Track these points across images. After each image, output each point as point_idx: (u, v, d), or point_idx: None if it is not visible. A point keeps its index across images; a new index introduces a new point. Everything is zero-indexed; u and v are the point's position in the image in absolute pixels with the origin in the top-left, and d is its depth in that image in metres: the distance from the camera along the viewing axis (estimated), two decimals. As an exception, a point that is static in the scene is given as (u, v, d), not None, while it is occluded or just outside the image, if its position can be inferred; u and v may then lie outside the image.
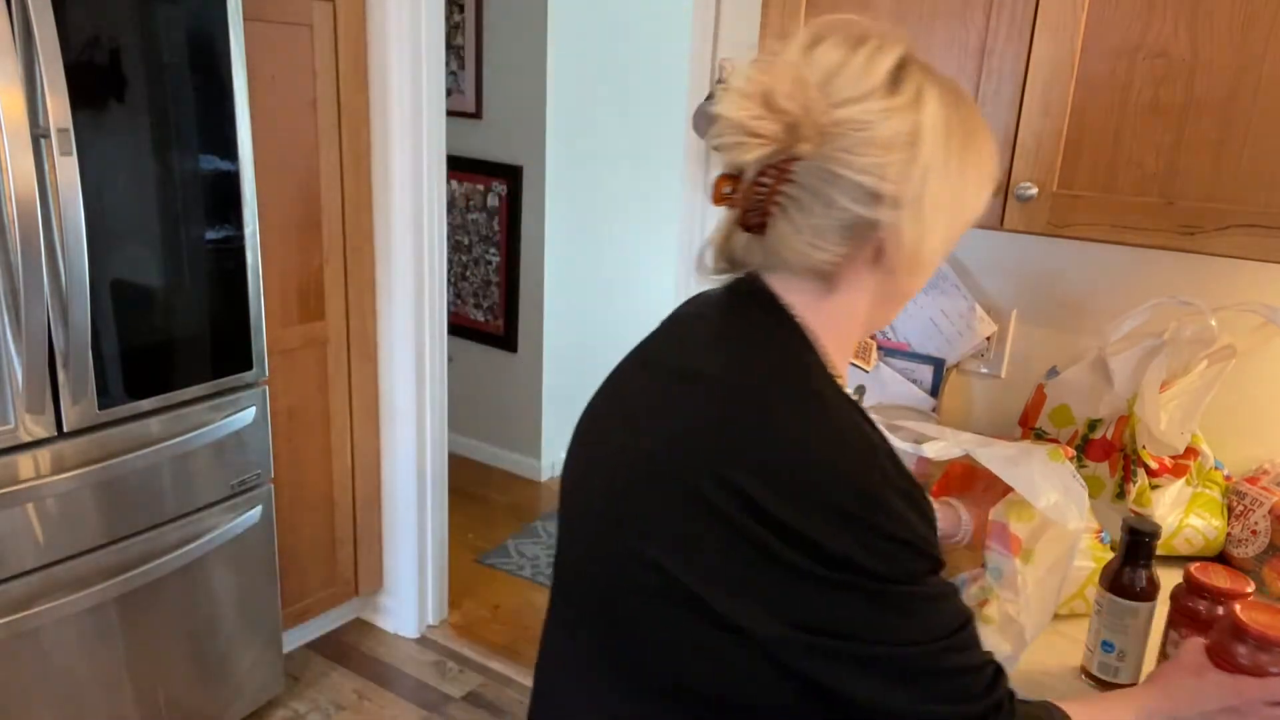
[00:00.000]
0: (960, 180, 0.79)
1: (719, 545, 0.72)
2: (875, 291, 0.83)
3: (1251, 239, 1.15)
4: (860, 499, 0.71)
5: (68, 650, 1.88)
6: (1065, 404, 1.48)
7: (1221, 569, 1.09)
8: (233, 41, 1.95)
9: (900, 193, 0.76)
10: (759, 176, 0.77)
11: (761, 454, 0.72)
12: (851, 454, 0.73)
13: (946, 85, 0.80)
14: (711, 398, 0.77)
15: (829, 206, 0.76)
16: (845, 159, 0.75)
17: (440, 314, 2.64)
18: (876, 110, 0.75)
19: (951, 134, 0.78)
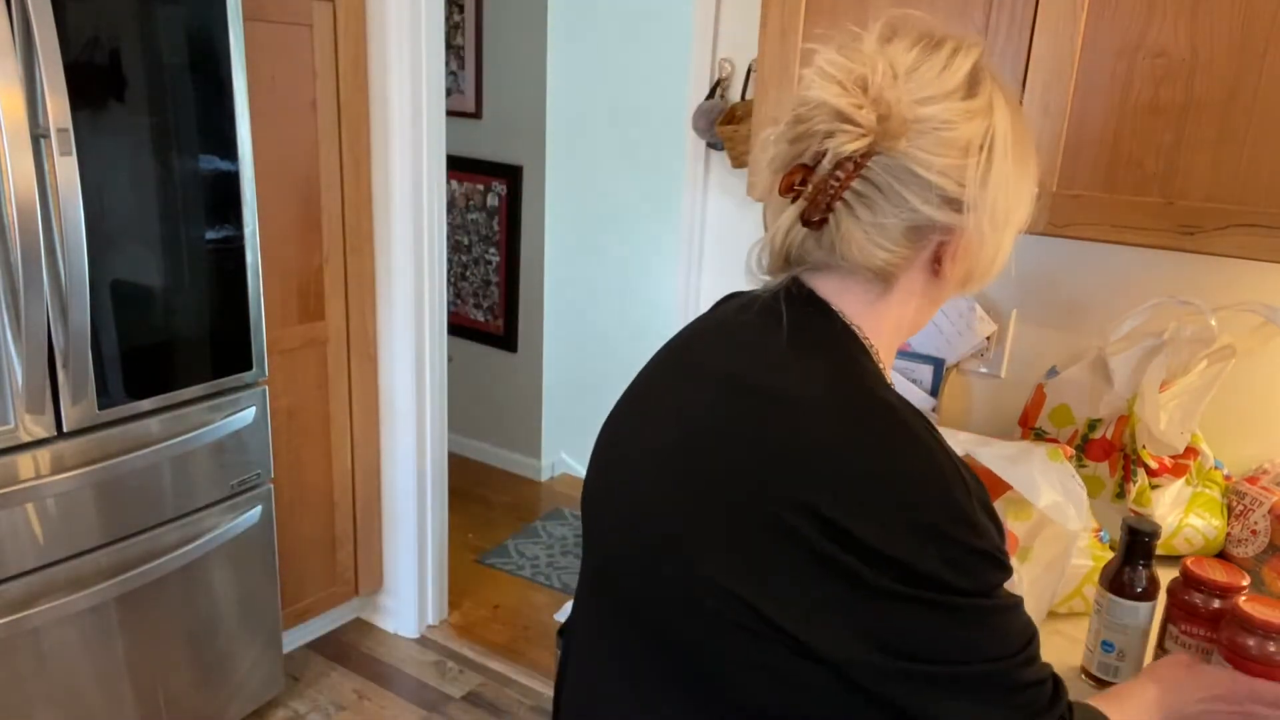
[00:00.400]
0: (1019, 190, 0.80)
1: (800, 572, 0.70)
2: (923, 296, 0.82)
3: (1251, 239, 1.15)
4: (948, 515, 0.70)
5: (68, 650, 1.88)
6: (1065, 404, 1.48)
7: (1217, 563, 1.09)
8: (233, 41, 1.95)
9: (973, 197, 0.75)
10: (835, 169, 0.74)
11: (843, 477, 0.70)
12: (933, 468, 0.71)
13: (1010, 93, 0.80)
14: (786, 418, 0.73)
15: (900, 206, 0.75)
16: (925, 159, 0.74)
17: (440, 314, 2.64)
18: (959, 111, 0.74)
19: (1015, 143, 0.78)
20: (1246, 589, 1.06)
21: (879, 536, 0.68)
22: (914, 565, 0.68)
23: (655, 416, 0.82)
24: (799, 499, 0.69)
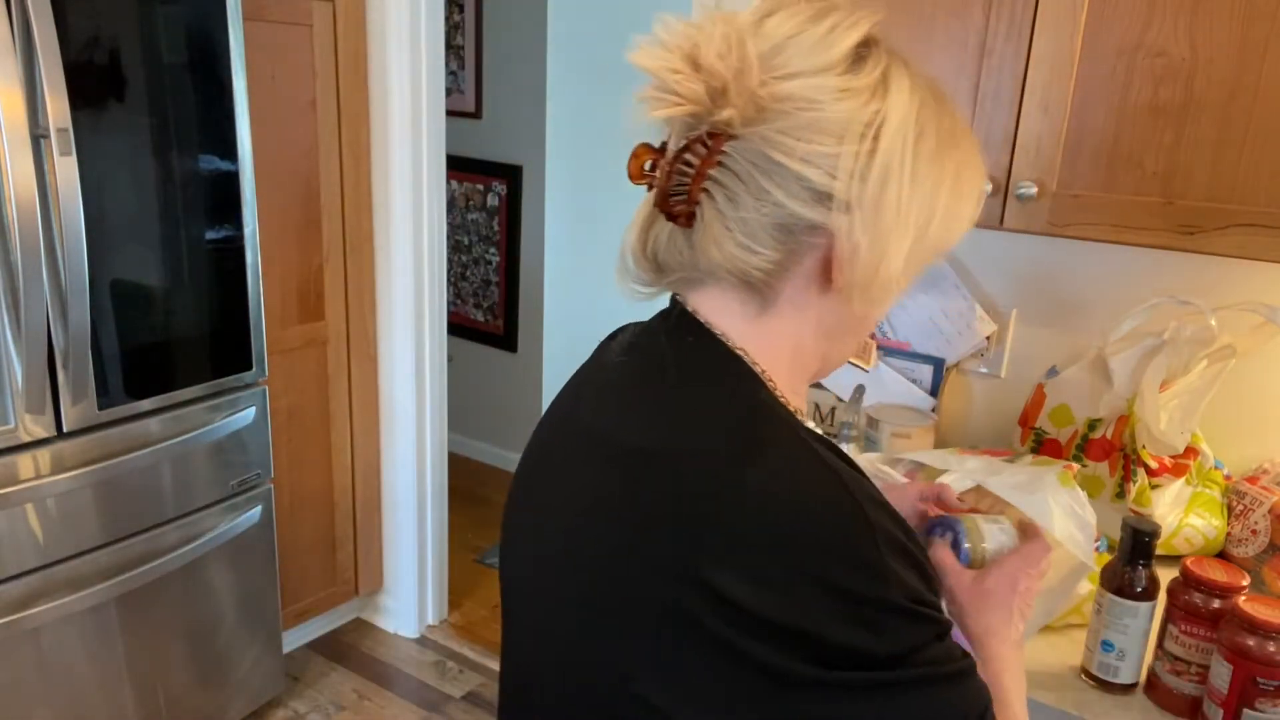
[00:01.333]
0: (932, 191, 0.67)
1: (710, 668, 0.60)
2: (824, 319, 0.70)
3: (1251, 239, 1.15)
4: (854, 568, 0.60)
5: (68, 650, 1.88)
6: (1065, 404, 1.48)
7: (1217, 563, 1.09)
8: (233, 41, 1.95)
9: (852, 193, 0.63)
10: (682, 151, 0.65)
11: (729, 538, 0.60)
12: (835, 515, 0.61)
13: (922, 79, 0.68)
14: (669, 481, 0.63)
15: (762, 199, 0.64)
16: (786, 143, 0.63)
17: (440, 314, 2.64)
18: (830, 88, 0.63)
19: (924, 134, 0.66)
20: (1246, 589, 1.06)
21: (777, 606, 0.58)
22: (822, 636, 0.58)
23: (548, 505, 0.73)
24: (691, 574, 0.60)
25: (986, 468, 1.21)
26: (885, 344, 1.73)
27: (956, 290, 1.68)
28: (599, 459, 0.69)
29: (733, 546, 0.60)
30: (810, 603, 0.59)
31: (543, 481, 0.75)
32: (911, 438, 1.59)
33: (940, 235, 0.69)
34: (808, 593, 0.59)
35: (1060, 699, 1.11)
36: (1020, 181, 1.27)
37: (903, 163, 0.65)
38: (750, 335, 0.69)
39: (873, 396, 1.69)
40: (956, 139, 0.69)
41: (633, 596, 0.63)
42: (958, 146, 0.69)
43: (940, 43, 1.32)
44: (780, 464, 0.62)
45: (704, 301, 0.70)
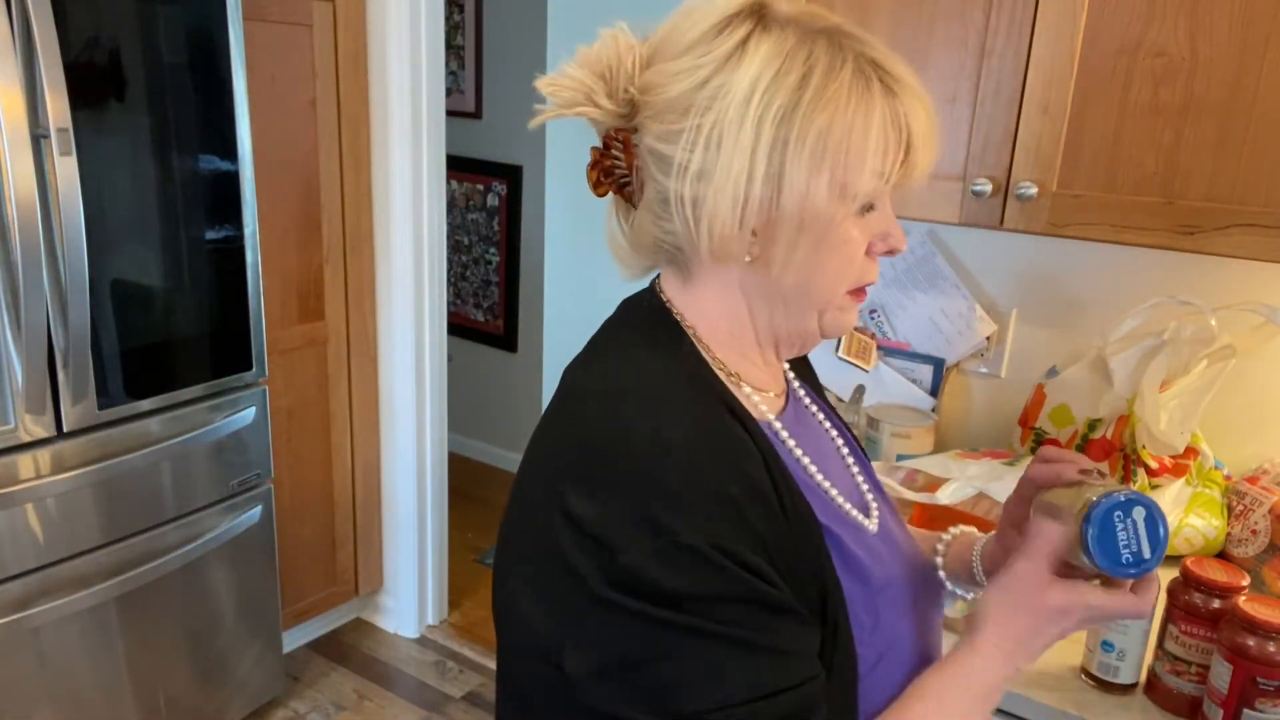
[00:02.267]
0: (769, 156, 0.67)
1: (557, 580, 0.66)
2: (746, 289, 0.74)
3: (1251, 239, 1.15)
4: (664, 501, 0.63)
5: (68, 650, 1.88)
6: (1065, 404, 1.48)
7: (1217, 563, 1.09)
8: (233, 41, 1.95)
9: (687, 160, 0.68)
10: (605, 149, 0.75)
11: (582, 462, 0.67)
12: (668, 452, 0.65)
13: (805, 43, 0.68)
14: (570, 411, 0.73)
15: (653, 179, 0.72)
16: (652, 128, 0.71)
17: (440, 314, 2.64)
18: (671, 71, 0.69)
19: (771, 102, 0.67)
20: (1246, 589, 1.06)
21: (595, 517, 0.64)
22: (618, 551, 0.62)
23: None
24: (553, 490, 0.67)
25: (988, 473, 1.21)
26: (885, 344, 1.73)
27: (956, 290, 1.68)
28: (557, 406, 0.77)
29: (584, 469, 0.67)
30: (618, 522, 0.63)
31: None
32: (911, 438, 1.59)
33: (818, 198, 0.69)
34: (618, 511, 0.64)
35: (1060, 699, 1.11)
36: (1020, 181, 1.27)
37: (738, 129, 0.67)
38: (686, 304, 0.77)
39: (873, 396, 1.69)
40: (825, 102, 0.67)
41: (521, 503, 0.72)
42: (824, 110, 0.67)
43: (940, 43, 1.32)
44: (647, 406, 0.69)
45: (662, 276, 0.80)
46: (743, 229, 0.69)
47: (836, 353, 1.67)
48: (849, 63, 0.68)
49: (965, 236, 1.67)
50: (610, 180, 0.76)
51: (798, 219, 0.69)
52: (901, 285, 1.73)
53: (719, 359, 0.76)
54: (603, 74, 0.72)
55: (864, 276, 0.75)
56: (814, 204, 0.69)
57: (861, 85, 0.68)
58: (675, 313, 0.77)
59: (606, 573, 0.63)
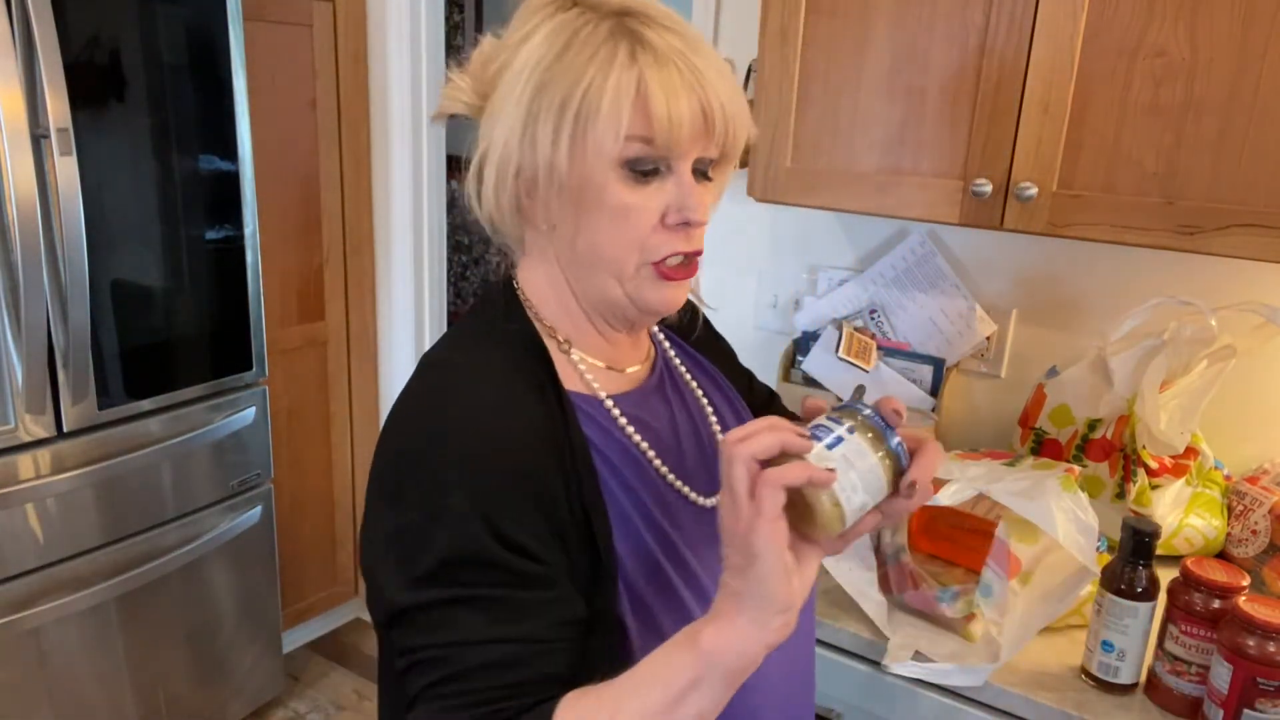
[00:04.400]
0: (522, 127, 0.73)
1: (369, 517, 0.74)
2: (557, 257, 0.79)
3: (1251, 239, 1.15)
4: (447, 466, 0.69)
5: (68, 650, 1.88)
6: (1065, 404, 1.48)
7: (1217, 563, 1.09)
8: (233, 41, 1.95)
9: (480, 140, 0.76)
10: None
11: (392, 422, 0.74)
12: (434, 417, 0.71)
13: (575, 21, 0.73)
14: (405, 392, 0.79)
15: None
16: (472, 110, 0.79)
17: (440, 314, 2.64)
18: (476, 58, 0.78)
19: (531, 77, 0.72)
20: (1246, 589, 1.06)
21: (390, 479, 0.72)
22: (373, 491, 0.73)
23: None
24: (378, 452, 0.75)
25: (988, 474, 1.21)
26: (885, 344, 1.73)
27: (956, 290, 1.68)
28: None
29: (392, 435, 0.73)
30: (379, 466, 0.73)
31: None
32: (911, 438, 1.59)
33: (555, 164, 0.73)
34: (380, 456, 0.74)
35: (1060, 699, 1.11)
36: (1020, 181, 1.27)
37: (505, 106, 0.74)
38: (524, 278, 0.82)
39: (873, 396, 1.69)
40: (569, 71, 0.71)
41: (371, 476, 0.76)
42: (567, 77, 0.71)
43: (940, 43, 1.32)
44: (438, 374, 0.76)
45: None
46: (500, 193, 0.76)
47: (836, 353, 1.67)
48: (605, 37, 0.72)
49: (965, 236, 1.67)
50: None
51: (553, 182, 0.74)
52: (901, 285, 1.73)
53: (550, 327, 0.81)
54: (475, 73, 0.78)
55: (660, 249, 0.76)
56: (560, 165, 0.73)
57: (606, 54, 0.71)
58: (516, 285, 0.83)
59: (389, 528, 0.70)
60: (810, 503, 0.65)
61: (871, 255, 1.78)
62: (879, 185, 1.40)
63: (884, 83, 1.37)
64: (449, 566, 0.68)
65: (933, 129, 1.35)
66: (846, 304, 1.79)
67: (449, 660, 0.67)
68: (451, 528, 0.67)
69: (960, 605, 1.20)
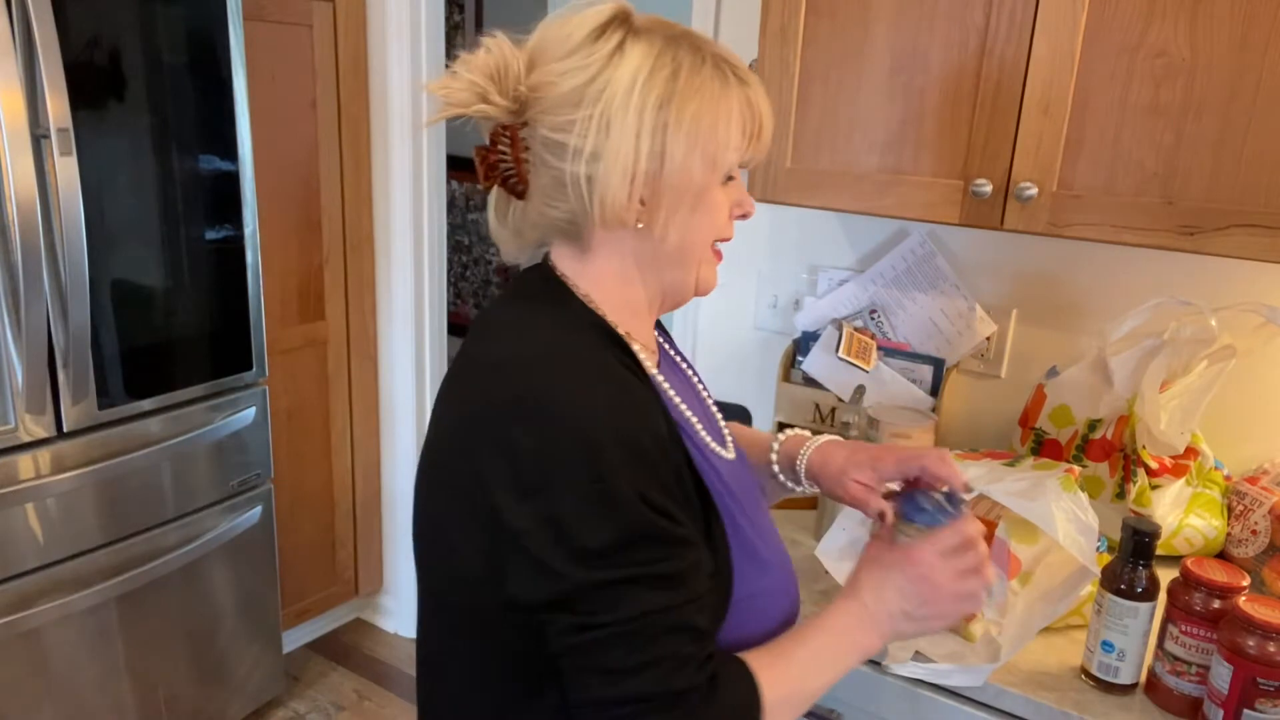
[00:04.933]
0: (653, 137, 0.80)
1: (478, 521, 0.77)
2: (637, 253, 0.86)
3: (1251, 239, 1.15)
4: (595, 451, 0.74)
5: (68, 650, 1.88)
6: (1065, 404, 1.48)
7: (1217, 563, 1.09)
8: (233, 41, 1.95)
9: (583, 145, 0.80)
10: (493, 142, 0.84)
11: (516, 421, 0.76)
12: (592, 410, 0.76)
13: (671, 45, 0.82)
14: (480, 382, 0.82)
15: (544, 166, 0.82)
16: (542, 119, 0.81)
17: (440, 314, 2.64)
18: (561, 70, 0.80)
19: (650, 91, 0.80)
20: (1247, 589, 1.06)
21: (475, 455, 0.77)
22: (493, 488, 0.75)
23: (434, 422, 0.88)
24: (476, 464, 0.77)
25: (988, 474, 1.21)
26: (885, 344, 1.73)
27: (956, 290, 1.68)
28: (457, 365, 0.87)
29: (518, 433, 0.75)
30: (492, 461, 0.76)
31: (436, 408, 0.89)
32: (911, 438, 1.59)
33: (684, 173, 0.82)
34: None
35: (1060, 699, 1.11)
36: (1020, 181, 1.27)
37: (624, 116, 0.79)
38: (580, 273, 0.88)
39: (873, 396, 1.69)
40: (693, 91, 0.81)
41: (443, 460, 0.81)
42: (694, 97, 0.81)
43: (940, 43, 1.32)
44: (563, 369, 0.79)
45: (554, 253, 0.90)
46: (631, 200, 0.81)
47: (836, 353, 1.67)
48: (708, 60, 0.83)
49: (965, 236, 1.67)
50: (495, 174, 0.85)
51: (678, 189, 0.83)
52: (901, 285, 1.73)
53: (611, 321, 0.86)
54: (492, 76, 0.81)
55: (724, 233, 0.89)
56: (690, 175, 0.83)
57: (720, 78, 0.83)
58: (570, 283, 0.87)
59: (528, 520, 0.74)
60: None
61: (871, 255, 1.78)
62: (879, 185, 1.40)
63: (884, 83, 1.37)
64: (622, 547, 0.74)
65: (933, 129, 1.35)
66: (846, 304, 1.79)
67: (642, 632, 0.74)
68: (618, 510, 0.73)
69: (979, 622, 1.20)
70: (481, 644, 0.83)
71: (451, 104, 0.82)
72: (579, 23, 0.82)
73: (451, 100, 0.81)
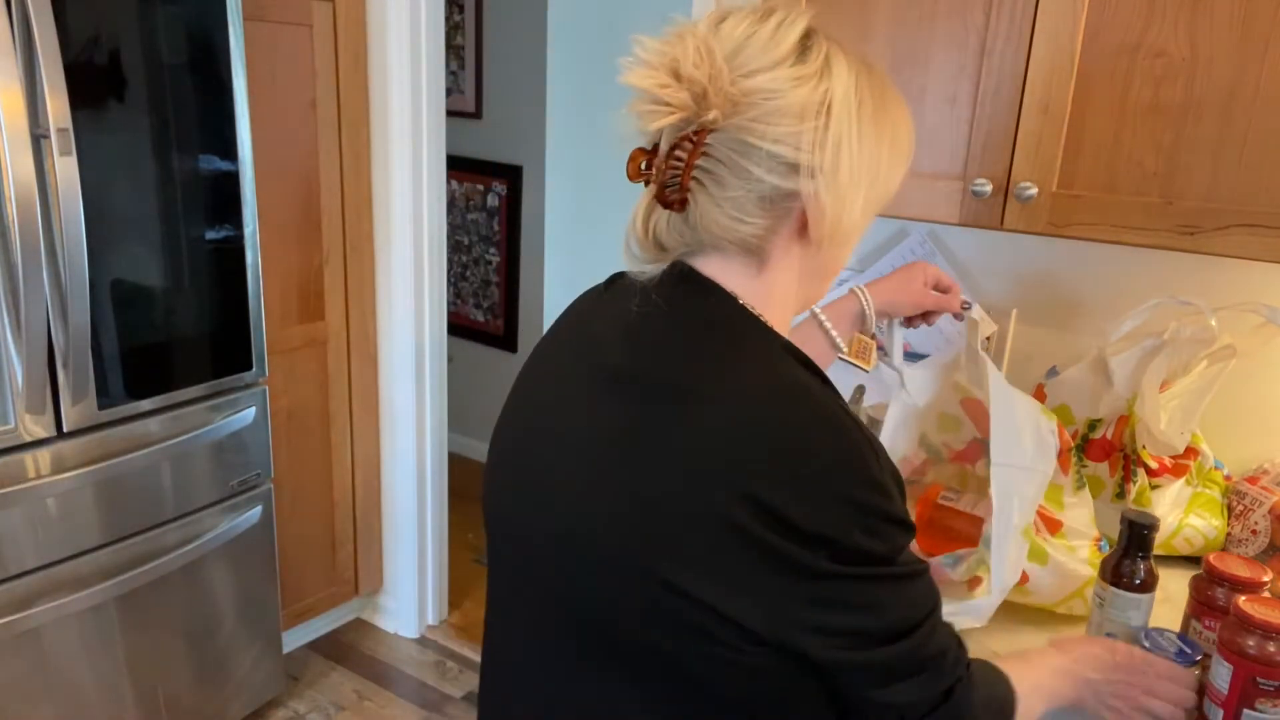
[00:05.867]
0: (875, 149, 0.80)
1: (749, 567, 0.72)
2: (803, 267, 0.84)
3: (1251, 239, 1.15)
4: (866, 485, 0.73)
5: (68, 650, 1.88)
6: (1065, 404, 1.48)
7: (1239, 558, 1.10)
8: (233, 41, 1.95)
9: (815, 162, 0.76)
10: (673, 149, 0.77)
11: (774, 462, 0.72)
12: (848, 441, 0.74)
13: (855, 55, 0.81)
14: (707, 413, 0.74)
15: (745, 178, 0.76)
16: (758, 129, 0.75)
17: (440, 314, 2.64)
18: (785, 79, 0.75)
19: (863, 103, 0.78)
20: (1268, 584, 1.07)
21: (809, 516, 0.71)
22: (841, 540, 0.72)
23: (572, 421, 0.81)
24: (739, 491, 0.71)
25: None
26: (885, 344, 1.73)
27: (956, 290, 1.68)
28: (628, 390, 0.78)
29: (777, 470, 0.71)
30: (835, 514, 0.72)
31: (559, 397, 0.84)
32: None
33: (888, 182, 0.83)
34: (833, 508, 0.72)
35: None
36: (1020, 181, 1.27)
37: (850, 129, 0.77)
38: (752, 290, 0.82)
39: (873, 396, 1.69)
40: (888, 102, 0.81)
41: (685, 512, 0.72)
42: (889, 108, 0.81)
43: (940, 43, 1.32)
44: (804, 405, 0.75)
45: (707, 265, 0.82)
46: (864, 217, 0.82)
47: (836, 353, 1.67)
48: (881, 74, 0.82)
49: (965, 236, 1.67)
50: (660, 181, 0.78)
51: (878, 204, 0.84)
52: (901, 285, 1.73)
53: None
54: (711, 76, 0.75)
55: None
56: (888, 189, 0.83)
57: (895, 93, 0.83)
58: (744, 303, 0.81)
59: (836, 556, 0.72)
60: None
61: (871, 255, 1.78)
62: (879, 185, 1.40)
63: (884, 83, 1.37)
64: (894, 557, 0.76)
65: (933, 129, 1.35)
66: (846, 304, 1.78)
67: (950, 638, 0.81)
68: (902, 530, 0.76)
69: (963, 569, 1.20)
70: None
71: (670, 105, 0.75)
72: (782, 28, 0.77)
73: (672, 101, 0.75)
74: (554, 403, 0.85)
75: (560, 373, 0.86)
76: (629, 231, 0.84)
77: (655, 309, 0.81)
